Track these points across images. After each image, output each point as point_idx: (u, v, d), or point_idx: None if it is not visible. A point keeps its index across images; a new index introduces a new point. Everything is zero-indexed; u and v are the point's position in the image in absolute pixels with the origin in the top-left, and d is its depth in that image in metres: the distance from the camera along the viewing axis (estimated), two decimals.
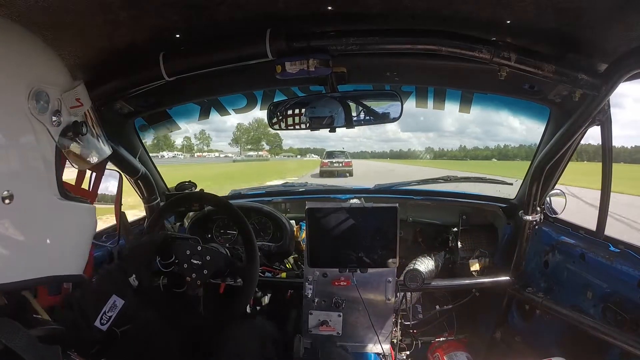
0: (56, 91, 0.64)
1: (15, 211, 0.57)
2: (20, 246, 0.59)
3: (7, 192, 0.56)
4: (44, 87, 0.61)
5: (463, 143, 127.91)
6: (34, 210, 0.61)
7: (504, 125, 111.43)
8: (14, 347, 0.52)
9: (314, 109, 1.40)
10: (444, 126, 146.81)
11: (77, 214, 0.69)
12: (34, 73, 0.62)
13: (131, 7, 0.92)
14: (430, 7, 0.98)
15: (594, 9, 0.90)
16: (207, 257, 1.23)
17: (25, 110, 0.58)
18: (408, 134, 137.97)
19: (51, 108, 0.62)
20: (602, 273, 1.25)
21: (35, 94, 0.59)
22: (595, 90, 1.08)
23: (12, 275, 0.58)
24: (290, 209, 2.06)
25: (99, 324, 0.89)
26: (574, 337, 1.32)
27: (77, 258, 0.71)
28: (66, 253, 0.68)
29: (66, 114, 0.66)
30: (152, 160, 1.81)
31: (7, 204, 0.56)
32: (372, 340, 1.43)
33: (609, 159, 1.28)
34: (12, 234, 0.57)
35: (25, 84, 0.59)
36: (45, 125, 0.61)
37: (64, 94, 0.65)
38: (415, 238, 2.00)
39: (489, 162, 46.51)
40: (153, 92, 1.31)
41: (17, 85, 0.58)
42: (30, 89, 0.59)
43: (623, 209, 7.62)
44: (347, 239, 1.37)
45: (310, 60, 1.12)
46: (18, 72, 0.60)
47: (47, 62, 0.66)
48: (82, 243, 0.72)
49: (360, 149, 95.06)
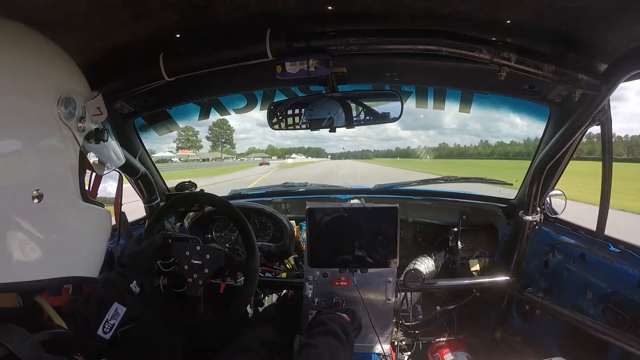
0: (80, 99, 0.67)
1: (43, 211, 0.59)
2: (44, 245, 0.60)
3: (36, 192, 0.58)
4: (71, 94, 0.64)
5: (464, 141, 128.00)
6: (59, 211, 0.63)
7: (505, 121, 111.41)
8: (20, 354, 0.52)
9: (314, 109, 1.40)
10: (444, 123, 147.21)
11: (96, 217, 0.72)
12: (62, 81, 0.65)
13: (131, 6, 0.92)
14: (430, 6, 0.98)
15: (594, 9, 0.90)
16: (207, 256, 1.23)
17: (55, 115, 0.62)
18: (408, 132, 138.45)
19: (77, 114, 0.66)
20: (602, 273, 1.25)
21: (65, 100, 0.63)
22: (595, 90, 1.08)
23: (33, 274, 0.59)
24: (290, 209, 2.06)
25: (102, 333, 0.89)
26: (574, 337, 1.32)
27: (94, 260, 0.73)
28: (85, 255, 0.70)
29: (89, 121, 0.69)
30: (152, 160, 1.81)
31: (37, 203, 0.58)
32: (372, 340, 1.43)
33: (609, 159, 1.28)
34: (38, 232, 0.59)
35: (55, 90, 0.62)
36: (71, 130, 0.65)
37: (87, 101, 0.69)
38: (415, 238, 2.00)
39: (489, 162, 46.21)
40: (153, 92, 1.31)
41: (49, 91, 0.62)
42: (60, 95, 0.62)
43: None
44: (348, 239, 1.37)
45: (310, 60, 1.12)
46: (49, 79, 0.63)
47: (71, 71, 0.70)
48: (99, 246, 0.74)
49: (361, 148, 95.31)
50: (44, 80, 0.62)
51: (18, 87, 0.58)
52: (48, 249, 0.61)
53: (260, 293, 1.80)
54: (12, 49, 0.60)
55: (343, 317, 1.13)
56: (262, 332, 1.25)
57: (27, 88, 0.59)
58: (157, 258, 1.23)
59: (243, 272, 1.31)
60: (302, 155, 73.45)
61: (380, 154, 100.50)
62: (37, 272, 0.60)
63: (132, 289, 1.03)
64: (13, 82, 0.58)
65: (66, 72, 0.68)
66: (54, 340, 0.61)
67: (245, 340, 1.17)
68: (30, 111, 0.59)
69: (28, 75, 0.60)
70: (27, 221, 0.58)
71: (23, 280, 0.58)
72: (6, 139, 0.56)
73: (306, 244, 1.44)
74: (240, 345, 1.14)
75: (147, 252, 1.16)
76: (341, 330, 1.04)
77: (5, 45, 0.59)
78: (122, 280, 1.03)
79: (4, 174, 0.55)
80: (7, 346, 0.52)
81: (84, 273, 0.69)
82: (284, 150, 63.38)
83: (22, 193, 0.57)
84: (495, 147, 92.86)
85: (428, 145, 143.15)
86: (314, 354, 0.91)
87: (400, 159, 69.46)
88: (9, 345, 0.52)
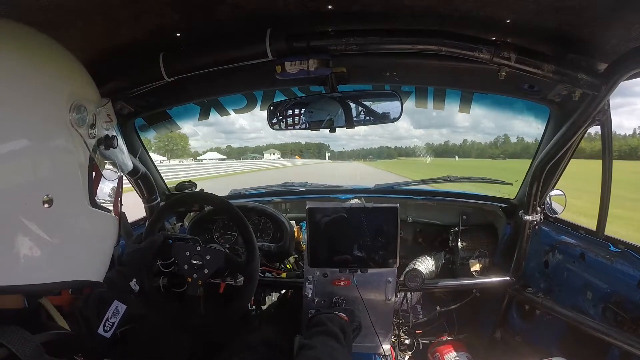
0: (91, 106, 0.68)
1: (52, 215, 0.60)
2: (52, 249, 0.61)
3: (47, 197, 0.59)
4: (82, 101, 0.65)
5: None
6: (69, 215, 0.63)
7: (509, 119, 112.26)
8: (22, 356, 0.53)
9: (313, 109, 1.40)
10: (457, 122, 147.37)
11: (103, 222, 0.73)
12: (74, 87, 0.66)
13: (131, 6, 0.92)
14: (430, 5, 0.98)
15: (593, 8, 0.90)
16: (207, 257, 1.23)
17: (67, 121, 0.63)
18: (420, 131, 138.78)
19: (88, 121, 0.67)
20: (602, 273, 1.25)
21: (76, 107, 0.64)
22: (595, 90, 1.08)
23: (41, 276, 0.60)
24: (290, 209, 2.06)
25: (103, 331, 0.89)
26: (574, 337, 1.32)
27: (100, 265, 0.74)
28: (92, 259, 0.71)
29: (100, 127, 0.70)
30: (152, 160, 1.82)
31: (47, 207, 0.59)
32: (372, 340, 1.43)
33: (609, 159, 1.28)
34: (47, 236, 0.59)
35: (67, 97, 0.63)
36: (82, 136, 0.65)
37: (97, 109, 0.70)
38: (415, 238, 2.00)
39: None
40: (153, 92, 1.31)
41: (61, 98, 0.63)
42: (71, 102, 0.63)
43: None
44: (348, 239, 1.37)
45: (310, 60, 1.12)
46: (62, 86, 0.64)
47: (83, 78, 0.71)
48: (105, 250, 0.75)
49: (372, 146, 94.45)
50: (57, 87, 0.63)
51: (31, 93, 0.59)
52: (56, 253, 0.61)
53: (260, 293, 1.80)
54: (28, 54, 0.60)
55: (341, 317, 1.13)
56: (262, 331, 1.25)
57: (40, 94, 0.60)
58: (157, 258, 1.24)
59: (243, 273, 1.31)
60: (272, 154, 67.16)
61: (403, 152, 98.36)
62: (44, 275, 0.60)
63: (132, 287, 1.03)
64: (26, 88, 0.58)
65: (78, 79, 0.69)
66: (55, 341, 0.62)
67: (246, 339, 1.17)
68: (42, 117, 0.60)
69: (41, 81, 0.61)
70: (36, 225, 0.58)
71: (30, 283, 0.59)
72: (17, 144, 0.57)
73: (306, 244, 1.44)
74: (242, 344, 1.14)
75: (147, 251, 1.17)
76: (340, 330, 1.04)
77: (21, 50, 0.60)
78: (121, 279, 1.03)
79: (15, 178, 0.56)
80: (9, 347, 0.53)
81: (90, 277, 0.70)
82: (258, 149, 60.56)
83: (32, 198, 0.58)
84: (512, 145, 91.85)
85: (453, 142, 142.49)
86: (313, 356, 0.91)
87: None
88: (11, 346, 0.53)
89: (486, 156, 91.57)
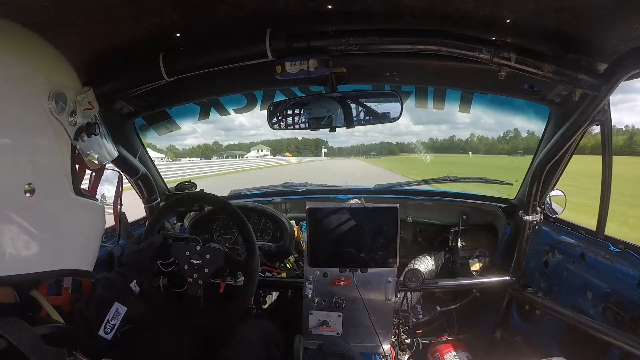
0: (71, 94, 0.68)
1: (35, 204, 0.60)
2: (37, 238, 0.61)
3: (28, 186, 0.59)
4: (62, 89, 0.65)
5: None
6: (52, 204, 0.63)
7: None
8: (20, 346, 0.53)
9: (313, 109, 1.40)
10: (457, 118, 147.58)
11: (89, 210, 0.72)
12: (52, 76, 0.66)
13: (131, 6, 0.92)
14: (430, 5, 0.98)
15: (593, 8, 0.90)
16: (207, 256, 1.23)
17: (46, 110, 0.62)
18: (420, 127, 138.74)
19: (68, 109, 0.66)
20: (602, 273, 1.25)
21: (55, 95, 0.64)
22: (595, 90, 1.08)
23: (27, 266, 0.60)
24: (290, 209, 2.06)
25: (103, 333, 0.89)
26: (574, 337, 1.32)
27: (88, 254, 0.73)
28: (78, 247, 0.70)
29: (80, 115, 0.70)
30: (152, 160, 1.81)
31: (29, 196, 0.59)
32: (372, 340, 1.43)
33: (609, 158, 1.28)
34: (30, 225, 0.59)
35: (46, 86, 0.63)
36: (62, 124, 0.65)
37: (78, 96, 0.70)
38: (415, 238, 2.00)
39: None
40: (153, 92, 1.31)
41: (39, 86, 0.62)
42: (50, 90, 0.63)
43: None
44: (348, 239, 1.37)
45: (310, 60, 1.12)
46: (39, 74, 0.64)
47: (62, 67, 0.71)
48: (93, 239, 0.75)
49: (371, 142, 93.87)
50: (34, 76, 0.63)
51: (8, 83, 0.58)
52: (41, 242, 0.61)
53: (260, 292, 1.80)
54: (1, 43, 0.60)
55: None
56: (262, 330, 1.26)
57: (17, 84, 0.60)
58: (157, 258, 1.23)
59: (243, 272, 1.31)
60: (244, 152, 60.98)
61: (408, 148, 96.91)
62: (31, 265, 0.60)
63: (132, 288, 1.03)
64: (2, 78, 0.58)
65: (56, 67, 0.69)
66: (53, 334, 0.62)
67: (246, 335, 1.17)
68: (20, 106, 0.59)
69: (18, 71, 0.60)
70: (19, 215, 0.58)
71: (17, 274, 0.58)
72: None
73: (306, 243, 1.44)
74: (241, 340, 1.14)
75: (147, 251, 1.16)
76: None
77: None
78: (121, 280, 1.03)
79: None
80: (7, 337, 0.53)
81: (78, 266, 0.69)
82: (242, 146, 57.68)
83: (14, 187, 0.57)
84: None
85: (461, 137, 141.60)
86: None
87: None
88: (8, 336, 0.53)
89: (496, 152, 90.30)
